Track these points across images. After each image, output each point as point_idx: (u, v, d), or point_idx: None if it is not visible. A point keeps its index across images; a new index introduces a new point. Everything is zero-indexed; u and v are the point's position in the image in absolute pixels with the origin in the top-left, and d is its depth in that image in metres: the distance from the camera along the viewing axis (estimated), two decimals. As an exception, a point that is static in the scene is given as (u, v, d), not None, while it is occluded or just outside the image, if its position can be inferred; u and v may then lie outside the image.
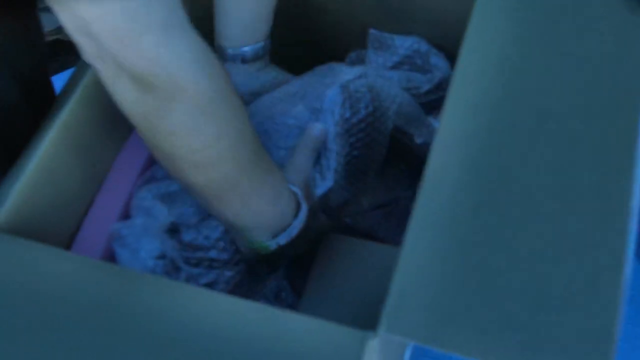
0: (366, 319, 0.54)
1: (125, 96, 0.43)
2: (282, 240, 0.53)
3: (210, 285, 0.57)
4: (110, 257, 0.60)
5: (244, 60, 0.66)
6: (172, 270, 0.58)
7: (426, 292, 0.41)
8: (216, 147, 0.46)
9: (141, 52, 0.40)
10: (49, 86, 0.66)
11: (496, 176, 0.46)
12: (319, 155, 0.60)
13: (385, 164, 0.65)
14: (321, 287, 0.57)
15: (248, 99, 0.66)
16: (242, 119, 0.47)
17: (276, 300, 0.59)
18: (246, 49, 0.65)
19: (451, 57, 0.70)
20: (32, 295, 0.44)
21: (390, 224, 0.64)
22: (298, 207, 0.54)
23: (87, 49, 0.41)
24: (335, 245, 0.59)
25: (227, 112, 0.45)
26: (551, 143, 0.47)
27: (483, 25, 0.54)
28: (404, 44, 0.70)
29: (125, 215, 0.62)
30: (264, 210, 0.51)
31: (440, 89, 0.69)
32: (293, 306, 0.59)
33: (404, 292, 0.41)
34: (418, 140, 0.64)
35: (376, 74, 0.63)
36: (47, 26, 0.70)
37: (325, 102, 0.60)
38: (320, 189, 0.59)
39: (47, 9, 0.79)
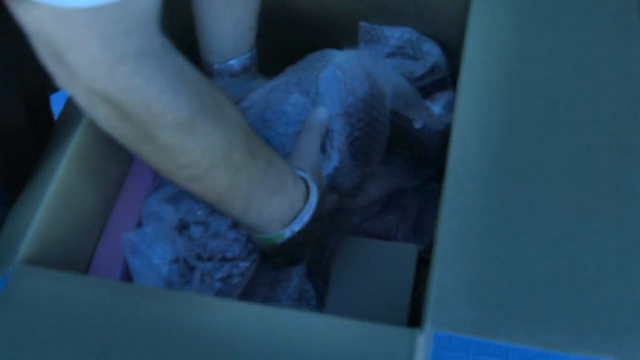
0: (394, 315, 0.55)
1: (104, 122, 0.44)
2: (296, 227, 0.53)
3: (226, 280, 0.57)
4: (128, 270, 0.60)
5: (233, 74, 0.65)
6: (186, 271, 0.58)
7: (465, 285, 0.43)
8: (206, 159, 0.46)
9: (115, 81, 0.40)
10: (47, 97, 0.65)
11: (516, 165, 0.48)
12: (324, 140, 0.59)
13: (389, 152, 0.66)
14: (343, 290, 0.58)
15: None
16: (232, 124, 0.47)
17: (299, 301, 0.60)
18: (233, 62, 0.65)
19: (443, 48, 0.71)
20: (70, 325, 0.45)
21: (406, 226, 0.65)
22: (307, 191, 0.54)
23: (60, 76, 0.41)
24: (352, 248, 0.60)
25: (214, 125, 0.45)
26: (565, 128, 0.49)
27: (484, 19, 0.55)
28: (394, 34, 0.70)
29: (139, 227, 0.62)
30: (269, 203, 0.51)
31: (434, 73, 0.69)
32: (317, 308, 0.60)
33: (444, 288, 0.43)
34: (417, 125, 0.65)
35: (368, 56, 0.64)
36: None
37: (320, 84, 0.61)
38: (326, 170, 0.59)
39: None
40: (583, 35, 0.54)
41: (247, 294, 0.58)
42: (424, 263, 0.58)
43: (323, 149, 0.59)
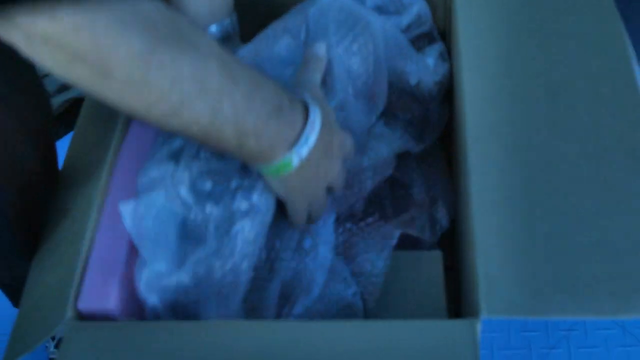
0: (436, 314, 0.57)
1: (54, 68, 0.41)
2: (303, 150, 0.51)
3: (239, 223, 0.53)
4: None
5: None
6: (197, 232, 0.54)
7: (510, 269, 0.46)
8: (176, 90, 0.43)
9: (57, 22, 0.38)
10: (53, 143, 0.65)
11: (532, 153, 0.52)
12: (324, 75, 0.57)
13: (390, 117, 0.66)
14: (380, 304, 0.59)
15: None
16: (201, 50, 0.45)
17: (332, 274, 0.58)
18: (213, 27, 0.63)
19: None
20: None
21: (424, 219, 0.66)
22: (308, 112, 0.51)
23: None
24: None
25: (177, 54, 0.43)
26: (570, 113, 0.54)
27: (470, 17, 0.59)
28: None
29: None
30: (266, 127, 0.48)
31: (421, 22, 0.68)
32: (351, 285, 0.59)
33: (490, 275, 0.46)
34: (413, 80, 0.64)
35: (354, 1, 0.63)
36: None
37: (310, 22, 0.60)
38: (330, 103, 0.57)
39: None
40: (567, 26, 0.58)
41: (272, 271, 0.57)
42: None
43: (324, 83, 0.57)
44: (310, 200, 0.56)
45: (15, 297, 0.78)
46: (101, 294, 0.52)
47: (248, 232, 0.52)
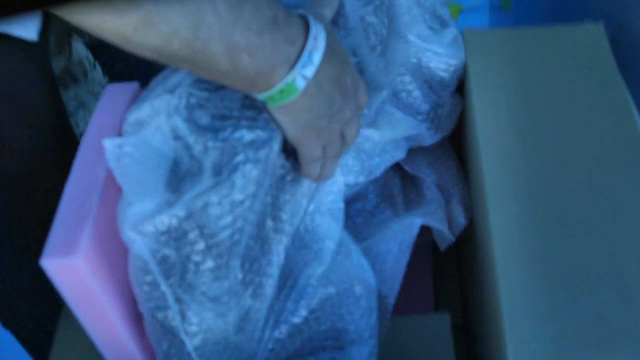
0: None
1: None
2: (307, 70, 0.46)
3: (248, 163, 0.48)
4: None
5: None
6: (194, 171, 0.48)
7: (536, 325, 0.48)
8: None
9: None
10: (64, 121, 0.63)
11: (551, 215, 0.54)
12: (336, 15, 0.54)
13: (402, 104, 0.64)
14: None
15: None
16: None
17: (339, 250, 0.54)
18: None
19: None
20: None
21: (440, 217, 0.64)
22: (308, 28, 0.47)
23: None
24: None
25: None
26: (581, 176, 0.57)
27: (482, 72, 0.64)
28: None
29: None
30: (261, 42, 0.44)
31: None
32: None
33: (516, 324, 0.48)
34: (426, 58, 0.62)
35: None
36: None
37: None
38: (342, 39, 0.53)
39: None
40: (573, 90, 0.63)
41: (278, 233, 0.52)
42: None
43: (335, 24, 0.54)
44: (324, 143, 0.51)
45: (40, 356, 0.75)
46: (66, 244, 0.45)
47: (250, 168, 0.47)
